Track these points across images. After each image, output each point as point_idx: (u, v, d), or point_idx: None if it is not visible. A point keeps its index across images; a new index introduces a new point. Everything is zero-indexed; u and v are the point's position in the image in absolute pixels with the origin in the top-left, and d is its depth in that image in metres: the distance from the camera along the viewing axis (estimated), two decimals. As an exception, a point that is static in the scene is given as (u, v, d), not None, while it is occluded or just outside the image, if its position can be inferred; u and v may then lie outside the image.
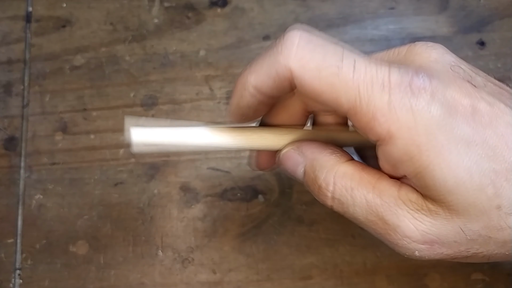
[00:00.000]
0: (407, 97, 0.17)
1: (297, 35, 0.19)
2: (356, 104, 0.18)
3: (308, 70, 0.18)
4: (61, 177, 0.34)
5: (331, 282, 0.32)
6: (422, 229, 0.19)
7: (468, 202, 0.18)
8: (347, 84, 0.18)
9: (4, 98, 0.36)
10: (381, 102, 0.18)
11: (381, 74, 0.18)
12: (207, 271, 0.32)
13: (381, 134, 0.18)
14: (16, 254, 0.33)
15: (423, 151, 0.18)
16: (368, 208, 0.20)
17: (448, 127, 0.18)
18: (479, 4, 0.37)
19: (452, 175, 0.18)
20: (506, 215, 0.18)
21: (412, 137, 0.18)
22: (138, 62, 0.36)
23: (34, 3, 0.38)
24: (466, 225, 0.19)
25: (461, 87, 0.18)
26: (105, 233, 0.33)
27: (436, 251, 0.19)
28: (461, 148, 0.18)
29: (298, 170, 0.21)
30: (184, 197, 0.34)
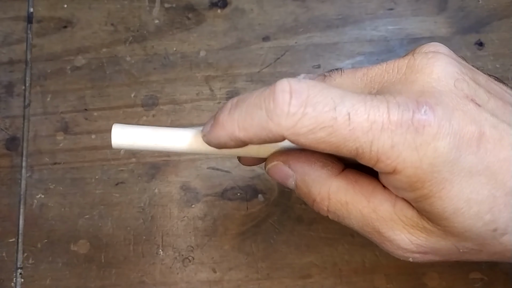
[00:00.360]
0: (411, 136, 0.17)
1: (286, 99, 0.17)
2: (359, 152, 0.17)
3: (302, 135, 0.17)
4: (62, 177, 0.34)
5: (330, 281, 0.32)
6: (416, 243, 0.19)
7: (464, 228, 0.18)
8: (344, 138, 0.17)
9: (5, 99, 0.36)
10: (384, 145, 0.17)
11: (379, 116, 0.17)
12: (207, 270, 0.33)
13: (387, 171, 0.18)
14: (17, 253, 0.33)
15: (427, 185, 0.17)
16: (364, 221, 0.20)
17: (454, 161, 0.17)
18: (478, 4, 0.37)
19: (451, 206, 0.18)
20: (501, 235, 0.19)
21: (417, 174, 0.17)
22: (139, 62, 0.36)
23: (35, 4, 0.38)
24: (460, 243, 0.19)
25: (466, 111, 0.18)
26: (106, 232, 0.33)
27: (429, 258, 0.20)
28: (463, 179, 0.17)
29: (288, 182, 0.21)
30: (184, 196, 0.34)
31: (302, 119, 0.17)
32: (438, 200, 0.18)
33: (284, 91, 0.17)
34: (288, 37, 0.36)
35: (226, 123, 0.18)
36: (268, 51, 0.36)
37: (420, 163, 0.17)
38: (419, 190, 0.18)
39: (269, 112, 0.17)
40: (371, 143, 0.17)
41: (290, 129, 0.17)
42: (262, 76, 0.36)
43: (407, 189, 0.18)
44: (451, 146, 0.17)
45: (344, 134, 0.17)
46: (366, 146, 0.17)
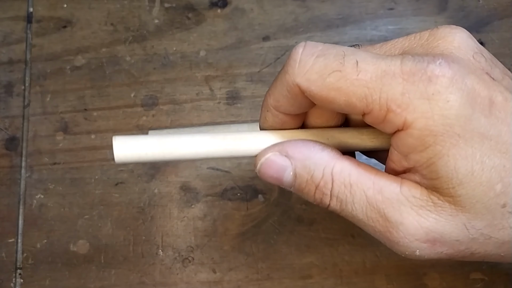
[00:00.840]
0: (423, 85, 0.17)
1: (300, 50, 0.19)
2: (368, 101, 0.17)
3: (312, 81, 0.18)
4: (62, 177, 0.34)
5: (330, 282, 0.32)
6: (426, 226, 0.18)
7: (476, 197, 0.18)
8: (353, 84, 0.17)
9: (5, 98, 0.36)
10: (395, 93, 0.17)
11: (391, 66, 0.17)
12: (207, 270, 0.33)
13: (397, 125, 0.18)
14: (17, 253, 0.33)
15: (439, 140, 0.17)
16: (369, 205, 0.19)
17: (466, 118, 0.17)
18: (478, 4, 0.37)
19: (465, 166, 0.17)
20: (509, 215, 0.18)
21: (428, 126, 0.17)
22: (139, 62, 0.36)
23: (35, 4, 0.38)
24: (470, 222, 0.18)
25: (480, 77, 0.18)
26: (106, 232, 0.33)
27: (436, 250, 0.19)
28: (476, 140, 0.17)
29: (284, 175, 0.20)
30: (184, 196, 0.34)
31: (313, 65, 0.18)
32: (451, 159, 0.17)
33: (299, 46, 0.19)
34: (288, 37, 0.36)
35: (264, 100, 0.21)
36: (268, 51, 0.36)
37: (432, 114, 0.17)
38: (432, 147, 0.17)
39: (286, 66, 0.19)
40: (380, 90, 0.17)
41: (302, 76, 0.18)
42: (262, 76, 0.36)
43: (419, 147, 0.18)
44: (463, 101, 0.17)
45: (352, 80, 0.17)
46: (375, 93, 0.17)
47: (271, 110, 0.20)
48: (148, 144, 0.19)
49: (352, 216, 0.20)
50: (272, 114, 0.20)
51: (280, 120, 0.20)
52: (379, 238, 0.20)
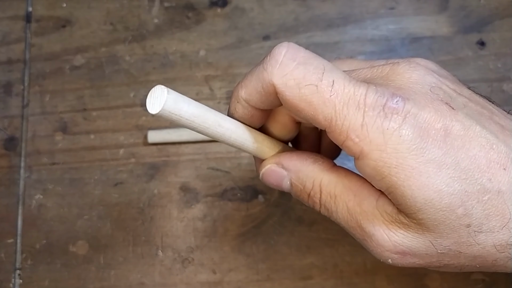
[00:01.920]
0: (380, 119, 0.18)
1: (283, 52, 0.19)
2: (332, 123, 0.19)
3: (288, 87, 0.19)
4: (61, 177, 0.34)
5: (331, 282, 0.32)
6: (394, 240, 0.20)
7: (437, 221, 0.19)
8: (324, 102, 0.18)
9: (4, 98, 0.36)
10: (356, 123, 0.18)
11: (358, 95, 0.18)
12: (207, 271, 0.32)
13: (355, 153, 0.19)
14: (16, 254, 0.33)
15: (394, 172, 0.18)
16: (349, 215, 0.21)
17: (419, 150, 0.18)
18: (479, 4, 0.37)
19: (422, 196, 0.18)
20: (476, 233, 0.19)
21: (382, 158, 0.18)
22: (138, 62, 0.36)
23: (34, 3, 0.38)
24: (436, 240, 0.19)
25: (436, 109, 0.19)
26: (105, 233, 0.33)
27: (408, 260, 0.20)
28: (431, 170, 0.18)
29: (283, 183, 0.22)
30: (184, 197, 0.34)
31: (292, 71, 0.19)
32: (407, 189, 0.18)
33: (282, 46, 0.19)
34: (289, 36, 0.36)
35: (234, 90, 0.21)
36: (268, 51, 0.36)
37: (385, 147, 0.18)
38: (387, 178, 0.18)
39: (265, 64, 0.19)
40: (344, 117, 0.18)
41: (281, 78, 0.19)
42: (262, 76, 0.36)
43: (376, 176, 0.19)
44: (415, 135, 0.18)
45: (324, 98, 0.18)
46: (339, 119, 0.18)
47: (241, 102, 0.21)
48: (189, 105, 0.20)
49: (338, 223, 0.22)
50: (242, 106, 0.21)
51: (249, 113, 0.21)
52: (359, 242, 0.21)
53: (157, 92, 0.20)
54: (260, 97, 0.20)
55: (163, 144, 0.35)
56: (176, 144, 0.35)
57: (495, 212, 0.18)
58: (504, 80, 0.35)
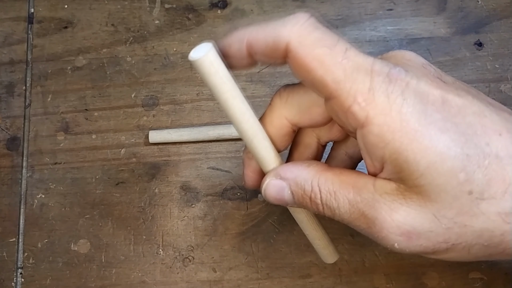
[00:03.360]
0: (385, 84, 0.19)
1: (305, 17, 0.20)
2: (341, 85, 0.19)
3: (304, 45, 0.19)
4: (63, 177, 0.34)
5: (330, 281, 0.32)
6: (397, 220, 0.20)
7: (440, 187, 0.19)
8: (335, 64, 0.19)
9: (6, 99, 0.36)
10: (364, 87, 0.19)
11: (366, 62, 0.19)
12: (208, 269, 0.33)
13: (360, 119, 0.19)
14: (18, 253, 0.33)
15: (397, 136, 0.19)
16: (351, 207, 0.21)
17: (421, 113, 0.19)
18: (477, 5, 0.37)
19: (425, 159, 0.18)
20: (478, 201, 0.19)
21: (387, 122, 0.19)
22: (139, 63, 0.37)
23: (36, 4, 0.38)
24: (439, 212, 0.19)
25: (432, 80, 0.20)
26: (107, 232, 0.33)
27: (414, 242, 0.20)
28: (433, 133, 0.18)
29: (285, 194, 0.23)
30: (184, 196, 0.34)
31: (311, 33, 0.19)
32: (411, 153, 0.19)
33: (306, 14, 0.20)
34: (288, 37, 0.37)
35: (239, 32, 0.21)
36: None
37: (390, 111, 0.19)
38: (391, 143, 0.19)
39: (286, 21, 0.20)
40: (353, 81, 0.19)
41: (298, 36, 0.19)
42: (262, 76, 0.36)
43: (380, 143, 0.19)
44: (417, 100, 0.19)
45: (336, 61, 0.19)
46: (348, 82, 0.19)
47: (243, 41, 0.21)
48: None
49: (342, 219, 0.22)
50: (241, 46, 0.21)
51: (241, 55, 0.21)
52: (367, 235, 0.21)
53: (204, 46, 0.21)
54: (264, 49, 0.20)
55: (164, 144, 0.35)
56: (177, 144, 0.35)
57: (495, 177, 0.19)
58: (501, 80, 0.35)
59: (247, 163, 0.25)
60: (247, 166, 0.25)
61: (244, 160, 0.25)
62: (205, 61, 0.20)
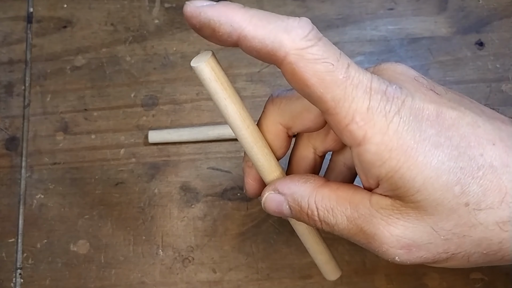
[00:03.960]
0: (383, 103, 0.19)
1: (309, 27, 0.19)
2: (340, 104, 0.19)
3: (305, 59, 0.19)
4: (62, 177, 0.34)
5: (330, 281, 0.32)
6: (396, 234, 0.20)
7: (436, 201, 0.19)
8: (336, 82, 0.19)
9: (5, 99, 0.36)
10: (362, 106, 0.19)
11: (365, 80, 0.19)
12: (207, 270, 0.33)
13: (357, 137, 0.19)
14: (17, 253, 0.33)
15: (394, 155, 0.19)
16: (349, 223, 0.21)
17: (415, 130, 0.19)
18: (478, 4, 0.37)
19: (420, 175, 0.19)
20: (475, 212, 0.19)
21: (384, 141, 0.19)
22: (139, 62, 0.36)
23: (35, 4, 0.38)
24: (437, 224, 0.19)
25: (426, 94, 0.20)
26: (106, 232, 0.33)
27: (414, 255, 0.20)
28: (428, 149, 0.19)
29: (283, 209, 0.23)
30: (184, 196, 0.34)
31: (313, 46, 0.19)
32: (407, 171, 0.19)
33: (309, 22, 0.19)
34: (288, 37, 0.36)
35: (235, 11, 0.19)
36: (268, 51, 0.36)
37: (387, 130, 0.19)
38: (388, 161, 0.19)
39: (290, 26, 0.19)
40: (352, 99, 0.19)
41: (300, 50, 0.19)
42: (262, 76, 0.36)
43: (377, 162, 0.19)
44: (412, 117, 0.19)
45: (337, 78, 0.19)
46: (347, 100, 0.19)
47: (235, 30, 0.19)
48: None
49: (341, 235, 0.22)
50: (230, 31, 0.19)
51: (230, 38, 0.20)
52: (368, 249, 0.21)
53: (205, 54, 0.21)
54: (258, 48, 0.19)
55: (163, 144, 0.35)
56: (177, 144, 0.35)
57: (491, 187, 0.19)
58: (502, 80, 0.35)
59: (248, 171, 0.25)
60: (248, 174, 0.25)
61: (244, 168, 0.25)
62: (206, 67, 0.20)
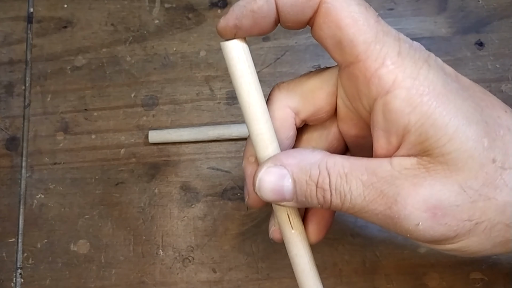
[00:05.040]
0: (412, 51, 0.19)
1: None
2: (371, 47, 0.19)
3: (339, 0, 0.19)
4: (62, 177, 0.34)
5: (330, 281, 0.32)
6: (423, 194, 0.19)
7: (467, 152, 0.18)
8: (369, 25, 0.19)
9: (5, 99, 0.36)
10: (393, 50, 0.19)
11: (393, 31, 0.20)
12: (207, 270, 0.33)
13: (387, 83, 0.19)
14: (17, 253, 0.33)
15: (425, 100, 0.18)
16: (365, 189, 0.19)
17: (444, 80, 0.19)
18: (478, 5, 0.37)
19: (453, 121, 0.18)
20: (501, 170, 0.19)
21: (415, 85, 0.18)
22: (139, 62, 0.36)
23: (36, 4, 0.38)
24: (466, 182, 0.19)
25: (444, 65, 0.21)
26: (106, 232, 0.33)
27: (439, 221, 0.19)
28: (457, 98, 0.19)
29: (284, 183, 0.20)
30: (184, 196, 0.34)
31: None
32: (439, 116, 0.18)
33: None
34: (288, 37, 0.36)
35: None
36: (268, 51, 0.36)
37: (417, 75, 0.19)
38: (419, 107, 0.18)
39: None
40: (384, 43, 0.19)
41: None
42: (262, 76, 0.36)
43: (406, 108, 0.18)
44: (439, 68, 0.19)
45: (370, 22, 0.19)
46: (379, 43, 0.19)
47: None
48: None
49: (353, 206, 0.20)
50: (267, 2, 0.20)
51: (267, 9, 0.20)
52: (382, 222, 0.20)
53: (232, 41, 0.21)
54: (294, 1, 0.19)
55: (163, 144, 0.35)
56: (177, 144, 0.35)
57: (511, 149, 0.19)
58: (502, 80, 0.35)
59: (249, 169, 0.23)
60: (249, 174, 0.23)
61: (245, 167, 0.23)
62: (238, 43, 0.20)
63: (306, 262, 0.23)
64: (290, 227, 0.22)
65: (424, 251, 0.32)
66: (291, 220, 0.22)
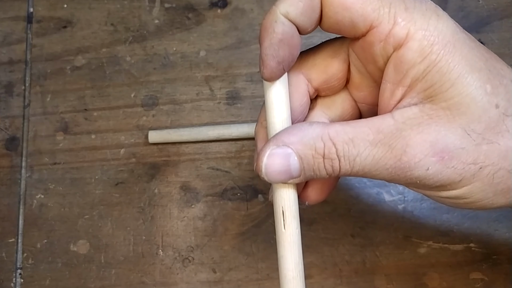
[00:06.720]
0: (418, 4, 0.20)
1: None
2: (381, 12, 0.20)
3: None
4: (62, 177, 0.34)
5: (330, 281, 0.32)
6: (429, 140, 0.20)
7: (470, 96, 0.19)
8: None
9: (5, 99, 0.36)
10: (400, 8, 0.20)
11: None
12: (207, 270, 0.33)
13: (401, 38, 0.19)
14: (17, 253, 0.33)
15: (435, 49, 0.19)
16: (373, 148, 0.20)
17: (453, 29, 0.20)
18: (478, 4, 0.37)
19: (457, 67, 0.19)
20: (504, 117, 0.20)
21: (426, 36, 0.19)
22: (139, 62, 0.36)
23: (35, 4, 0.38)
24: (469, 126, 0.19)
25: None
26: (106, 232, 0.33)
27: (446, 164, 0.20)
28: (463, 47, 0.20)
29: (291, 163, 0.20)
30: (184, 196, 0.34)
31: None
32: (445, 63, 0.19)
33: None
34: (288, 37, 0.36)
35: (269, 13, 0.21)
36: (268, 51, 0.36)
37: (428, 26, 0.19)
38: (428, 56, 0.19)
39: None
40: (390, 4, 0.20)
41: None
42: (262, 76, 0.36)
43: (418, 58, 0.19)
44: (448, 17, 0.20)
45: None
46: (386, 6, 0.20)
47: (280, 18, 0.20)
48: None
49: (363, 168, 0.20)
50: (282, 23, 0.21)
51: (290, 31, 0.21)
52: (391, 175, 0.20)
53: None
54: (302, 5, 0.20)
55: (163, 144, 0.35)
56: (177, 144, 0.35)
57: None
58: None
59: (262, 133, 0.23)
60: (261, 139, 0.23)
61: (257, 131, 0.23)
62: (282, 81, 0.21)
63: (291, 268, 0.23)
64: (282, 226, 0.22)
65: (424, 251, 0.32)
66: (285, 218, 0.22)
